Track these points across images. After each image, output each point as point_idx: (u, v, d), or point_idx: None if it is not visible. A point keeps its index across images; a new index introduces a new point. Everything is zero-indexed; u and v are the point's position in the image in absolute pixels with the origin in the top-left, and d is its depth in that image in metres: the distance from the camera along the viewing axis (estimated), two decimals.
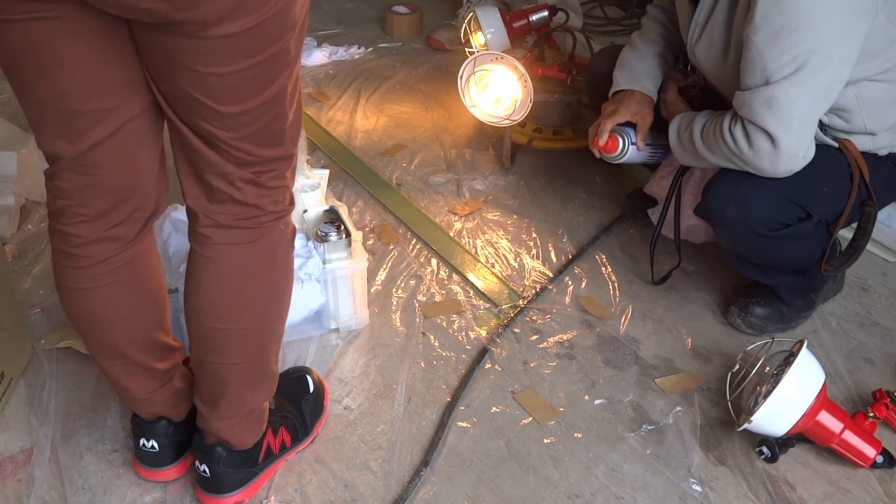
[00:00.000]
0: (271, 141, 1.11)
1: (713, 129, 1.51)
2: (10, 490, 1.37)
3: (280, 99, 1.07)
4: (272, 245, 1.20)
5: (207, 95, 1.01)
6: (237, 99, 1.03)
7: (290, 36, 1.02)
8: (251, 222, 1.16)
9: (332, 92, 2.77)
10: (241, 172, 1.11)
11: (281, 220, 1.20)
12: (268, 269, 1.22)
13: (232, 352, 1.23)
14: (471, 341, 1.74)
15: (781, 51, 1.37)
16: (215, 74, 0.99)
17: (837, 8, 1.36)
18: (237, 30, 0.95)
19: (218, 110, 1.03)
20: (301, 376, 1.51)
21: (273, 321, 1.27)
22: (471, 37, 2.33)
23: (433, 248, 2.01)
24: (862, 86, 1.50)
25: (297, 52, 1.06)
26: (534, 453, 1.49)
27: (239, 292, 1.20)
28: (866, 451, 1.45)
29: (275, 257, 1.22)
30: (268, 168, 1.14)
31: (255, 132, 1.08)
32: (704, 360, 1.72)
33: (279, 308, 1.27)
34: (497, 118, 2.18)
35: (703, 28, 1.58)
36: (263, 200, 1.15)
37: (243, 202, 1.14)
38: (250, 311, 1.22)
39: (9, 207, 1.93)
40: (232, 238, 1.16)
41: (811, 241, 1.58)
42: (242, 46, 0.97)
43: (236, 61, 0.98)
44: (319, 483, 1.41)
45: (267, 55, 1.00)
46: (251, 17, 0.94)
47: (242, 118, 1.05)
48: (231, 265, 1.18)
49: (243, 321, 1.22)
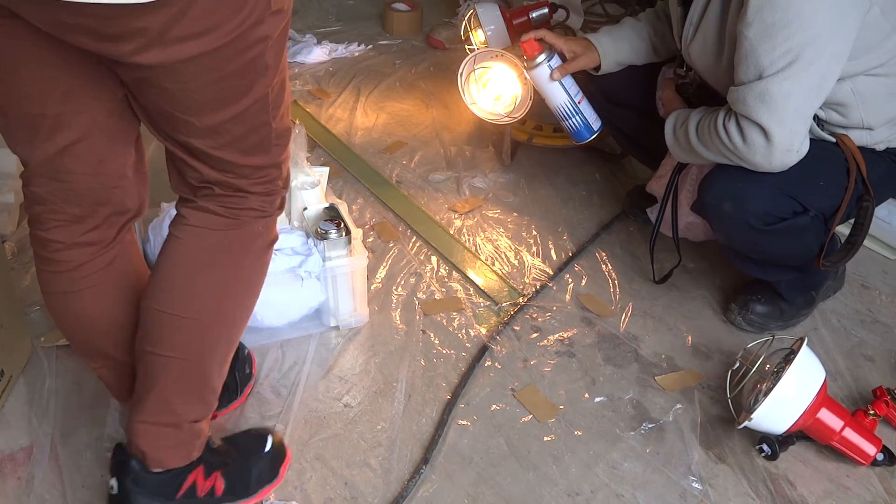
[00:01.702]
0: (255, 150, 1.09)
1: (708, 125, 1.52)
2: (10, 489, 1.37)
3: (259, 109, 1.05)
4: (245, 240, 1.16)
5: (179, 109, 1.00)
6: (209, 111, 1.01)
7: (262, 48, 0.99)
8: (231, 211, 1.13)
9: (332, 89, 2.77)
10: (225, 180, 1.10)
11: (262, 220, 1.16)
12: (231, 263, 1.16)
13: (168, 342, 1.15)
14: (471, 339, 1.74)
15: (774, 45, 1.38)
16: (183, 90, 0.97)
17: (830, 2, 1.36)
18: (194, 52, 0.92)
19: (192, 122, 1.01)
20: (262, 435, 1.38)
21: (223, 322, 1.18)
22: (471, 34, 2.32)
23: (433, 246, 2.01)
24: (858, 80, 1.50)
25: (276, 60, 1.03)
26: (534, 451, 1.49)
27: (192, 276, 1.14)
28: (867, 449, 1.45)
29: (244, 254, 1.17)
30: (254, 177, 1.12)
31: (235, 141, 1.06)
32: (705, 357, 1.72)
33: (234, 310, 1.19)
34: (497, 115, 2.17)
35: (696, 27, 1.58)
36: (248, 197, 1.13)
37: (224, 197, 1.12)
38: (198, 301, 1.15)
39: (8, 205, 1.93)
40: (206, 221, 1.13)
41: (808, 236, 1.58)
42: (202, 63, 0.95)
43: (199, 76, 0.96)
44: (319, 480, 1.41)
45: (235, 67, 0.98)
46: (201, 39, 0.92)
47: (219, 129, 1.03)
48: (194, 247, 1.14)
49: (187, 310, 1.14)
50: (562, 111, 1.91)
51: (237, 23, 0.93)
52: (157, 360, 1.15)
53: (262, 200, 1.15)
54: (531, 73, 1.88)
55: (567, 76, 1.87)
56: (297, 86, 2.77)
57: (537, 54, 1.85)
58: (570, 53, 1.85)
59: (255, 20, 0.95)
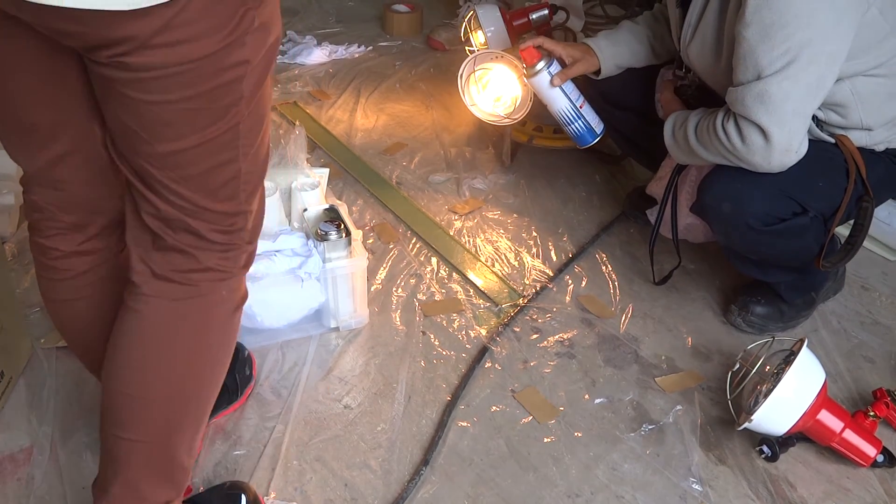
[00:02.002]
0: (218, 192, 0.99)
1: (706, 126, 1.52)
2: (10, 489, 1.37)
3: (225, 143, 0.96)
4: (206, 309, 1.06)
5: (141, 127, 0.92)
6: (172, 135, 0.93)
7: (240, 73, 0.91)
8: (185, 277, 1.03)
9: (332, 90, 2.77)
10: (182, 220, 1.00)
11: (225, 283, 1.06)
12: (193, 337, 1.06)
13: (133, 426, 1.07)
14: (471, 340, 1.74)
15: (772, 45, 1.38)
16: (147, 103, 0.90)
17: (827, 2, 1.37)
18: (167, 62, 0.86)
19: (153, 145, 0.93)
20: (236, 494, 1.31)
21: (190, 400, 1.10)
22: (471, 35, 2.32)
23: (433, 247, 2.01)
24: (857, 81, 1.50)
25: (252, 92, 0.95)
26: (534, 452, 1.49)
27: (152, 355, 1.05)
28: (867, 451, 1.45)
29: (205, 325, 1.07)
30: (216, 223, 1.02)
31: (195, 177, 0.97)
32: (705, 358, 1.72)
33: (201, 386, 1.11)
34: (497, 117, 2.17)
35: (695, 28, 1.58)
36: (206, 254, 1.03)
37: (182, 251, 1.02)
38: (161, 381, 1.06)
39: (8, 206, 1.93)
40: (160, 291, 1.03)
41: (807, 236, 1.58)
42: (176, 77, 0.88)
43: (170, 91, 0.89)
44: (319, 482, 1.41)
45: (207, 88, 0.90)
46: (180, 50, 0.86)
47: (179, 158, 0.95)
48: (151, 321, 1.04)
49: (150, 391, 1.06)
50: (564, 116, 1.91)
51: (220, 37, 0.87)
52: (122, 444, 1.08)
53: (221, 256, 1.04)
54: (531, 81, 1.88)
55: (567, 81, 1.87)
56: (297, 87, 2.77)
57: (536, 61, 1.84)
58: (569, 59, 1.85)
59: (236, 37, 0.88)
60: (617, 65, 1.86)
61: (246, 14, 0.88)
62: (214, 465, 1.44)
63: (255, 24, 0.90)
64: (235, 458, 1.45)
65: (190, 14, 0.84)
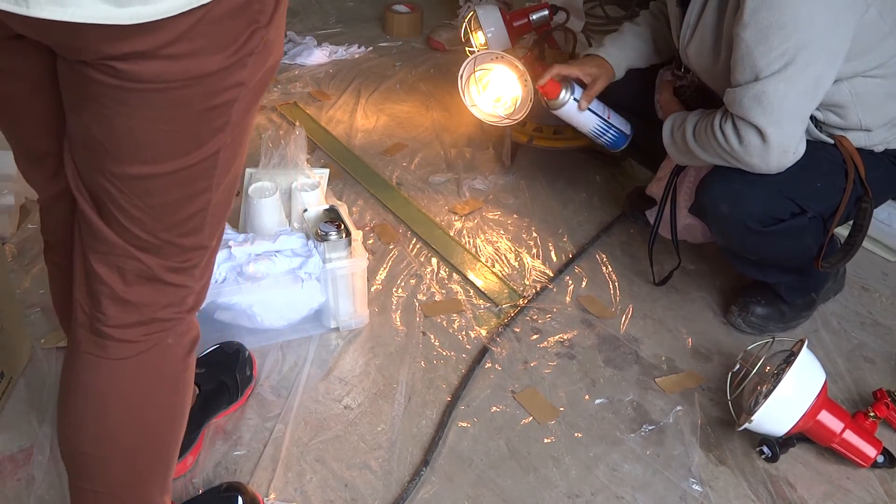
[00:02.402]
0: (184, 224, 0.91)
1: (704, 127, 1.52)
2: (10, 490, 1.37)
3: (204, 171, 0.88)
4: (153, 364, 0.98)
5: (113, 143, 0.83)
6: (148, 157, 0.84)
7: (233, 95, 0.84)
8: (128, 332, 0.94)
9: (332, 91, 2.77)
10: (134, 257, 0.91)
11: (170, 332, 0.97)
12: (144, 394, 1.00)
13: (95, 479, 1.02)
14: (471, 341, 1.74)
15: (770, 47, 1.38)
16: (127, 117, 0.81)
17: (825, 4, 1.37)
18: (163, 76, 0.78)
19: (122, 166, 0.84)
20: (232, 495, 1.30)
21: (150, 452, 1.04)
22: (471, 36, 2.33)
23: (433, 248, 2.01)
24: (856, 81, 1.50)
25: (240, 118, 0.87)
26: (534, 453, 1.49)
27: (100, 415, 0.98)
28: (867, 451, 1.45)
29: (156, 380, 1.00)
30: (171, 260, 0.93)
31: (164, 206, 0.88)
32: (705, 359, 1.72)
33: (160, 438, 1.04)
34: (497, 117, 2.17)
35: (693, 29, 1.59)
36: (155, 302, 0.94)
37: (128, 302, 0.93)
38: (114, 439, 1.00)
39: (8, 207, 1.93)
40: (101, 349, 0.95)
41: (806, 237, 1.58)
42: (168, 93, 0.80)
43: (156, 108, 0.81)
44: (319, 482, 1.41)
45: (198, 110, 0.83)
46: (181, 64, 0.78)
47: (149, 184, 0.86)
48: (95, 383, 0.97)
49: (105, 449, 1.00)
50: (596, 132, 1.90)
51: (225, 55, 0.80)
52: (88, 495, 1.04)
53: (167, 303, 0.95)
54: (559, 112, 1.87)
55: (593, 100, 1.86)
56: (297, 87, 2.77)
57: (559, 93, 1.83)
58: (588, 77, 1.83)
59: (241, 56, 0.82)
60: (627, 69, 1.87)
61: (255, 33, 0.82)
62: (214, 465, 1.44)
63: (261, 45, 0.84)
64: (235, 458, 1.45)
65: (203, 27, 0.77)
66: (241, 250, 1.60)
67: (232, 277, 1.58)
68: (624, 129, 1.92)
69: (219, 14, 0.77)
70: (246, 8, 0.79)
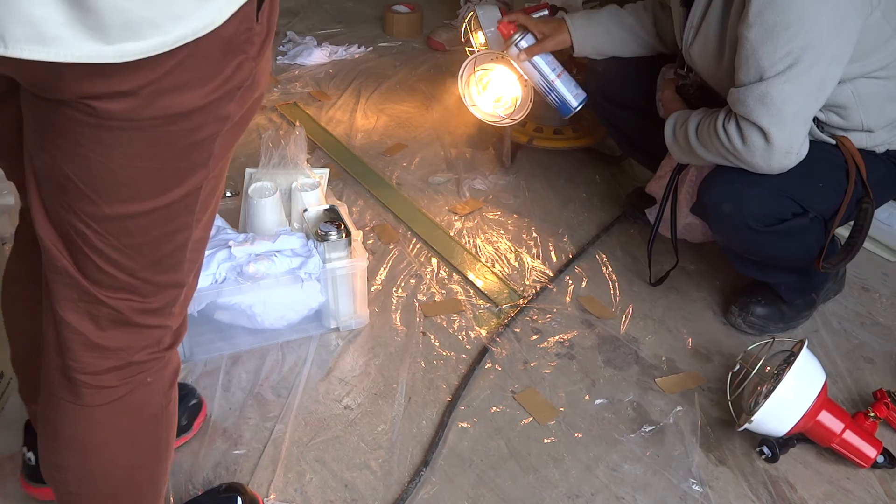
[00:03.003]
0: (163, 262, 0.86)
1: (707, 126, 1.52)
2: (11, 489, 1.37)
3: (185, 208, 0.83)
4: (132, 407, 0.93)
5: (88, 183, 0.77)
6: (126, 195, 0.79)
7: (217, 129, 0.80)
8: (104, 378, 0.90)
9: (332, 91, 2.77)
10: (107, 300, 0.85)
11: (148, 372, 0.93)
12: (125, 437, 0.95)
13: None
14: (471, 341, 1.74)
15: (775, 47, 1.38)
16: (104, 156, 0.76)
17: (831, 5, 1.37)
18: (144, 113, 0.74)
19: (99, 206, 0.79)
20: (231, 496, 1.29)
21: (136, 489, 1.01)
22: (471, 36, 2.33)
23: (433, 248, 2.01)
24: (859, 83, 1.50)
25: (223, 151, 0.83)
26: (534, 453, 1.49)
27: (83, 461, 0.95)
28: (867, 451, 1.45)
29: (136, 422, 0.95)
30: (148, 299, 0.88)
31: (143, 245, 0.83)
32: (705, 359, 1.72)
33: (146, 473, 1.01)
34: (497, 117, 2.17)
35: (697, 29, 1.59)
36: (131, 346, 0.90)
37: (101, 347, 0.88)
38: (98, 481, 0.97)
39: (8, 207, 1.93)
40: (77, 396, 0.90)
41: (807, 237, 1.58)
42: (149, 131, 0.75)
43: (136, 145, 0.76)
44: (319, 483, 1.41)
45: (180, 147, 0.78)
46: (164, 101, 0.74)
47: (128, 224, 0.81)
48: (74, 430, 0.93)
49: (90, 488, 0.98)
50: (540, 88, 1.98)
51: (209, 89, 0.76)
52: None
53: (143, 346, 0.91)
54: (507, 53, 1.96)
55: (544, 55, 1.93)
56: (297, 88, 2.77)
57: (511, 35, 1.93)
58: (540, 34, 1.91)
59: (229, 90, 0.78)
60: (594, 47, 1.90)
61: (243, 65, 0.77)
62: (214, 465, 1.44)
63: (250, 77, 0.79)
64: (235, 459, 1.45)
65: (190, 61, 0.73)
66: (241, 250, 1.60)
67: (232, 277, 1.58)
68: (569, 98, 1.98)
69: (207, 47, 0.73)
70: (234, 39, 0.75)
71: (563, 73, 1.96)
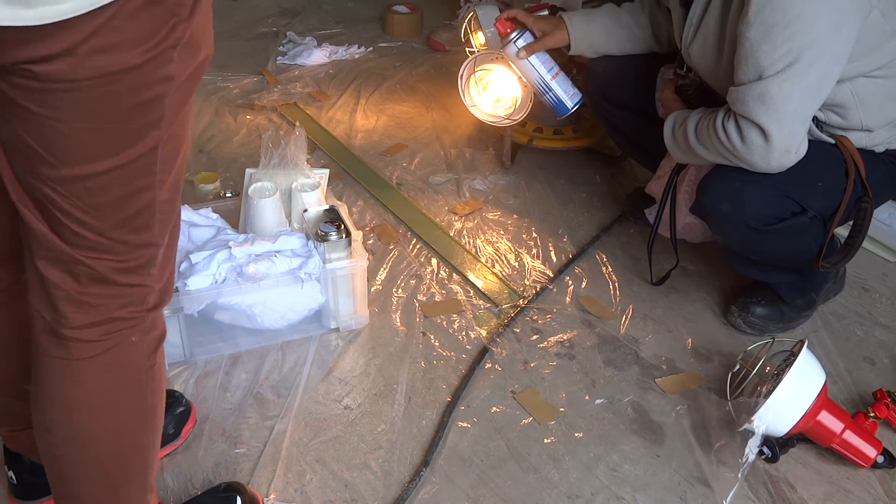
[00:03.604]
0: (131, 222, 0.90)
1: (707, 125, 1.52)
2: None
3: (143, 168, 0.87)
4: (117, 363, 0.97)
5: (45, 147, 0.82)
6: (81, 157, 0.83)
7: (162, 90, 0.84)
8: (87, 332, 0.94)
9: (332, 91, 2.77)
10: (84, 260, 0.90)
11: (134, 329, 0.96)
12: (106, 394, 0.98)
13: (71, 483, 1.03)
14: (471, 341, 1.74)
15: (774, 46, 1.38)
16: (54, 120, 0.80)
17: (830, 4, 1.37)
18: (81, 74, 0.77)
19: (58, 168, 0.83)
20: (231, 496, 1.30)
21: (122, 454, 1.03)
22: (471, 36, 2.33)
23: (433, 248, 2.01)
24: (858, 82, 1.50)
25: (174, 112, 0.87)
26: (534, 453, 1.49)
27: (67, 416, 0.98)
28: (867, 452, 1.45)
29: (121, 378, 0.99)
30: (122, 258, 0.92)
31: (106, 205, 0.87)
32: (705, 359, 1.72)
33: (131, 438, 1.03)
34: (497, 118, 2.17)
35: (696, 28, 1.59)
36: (111, 302, 0.93)
37: (84, 303, 0.92)
38: (84, 441, 0.99)
39: None
40: (64, 350, 0.94)
41: (807, 236, 1.58)
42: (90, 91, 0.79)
43: (82, 107, 0.80)
44: (319, 483, 1.41)
45: (125, 106, 0.82)
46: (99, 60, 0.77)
47: (88, 183, 0.85)
48: (58, 383, 0.96)
49: (76, 451, 1.00)
50: (536, 87, 1.97)
51: (145, 49, 0.79)
52: (67, 499, 1.05)
53: (125, 302, 0.94)
54: (504, 51, 1.94)
55: (540, 53, 1.91)
56: (297, 88, 2.77)
57: (508, 32, 1.90)
58: (539, 32, 1.89)
59: (163, 49, 0.81)
60: (590, 45, 1.90)
61: (176, 26, 0.81)
62: (214, 465, 1.44)
63: (185, 37, 0.83)
64: (235, 459, 1.45)
65: (118, 22, 0.76)
66: (241, 251, 1.60)
67: (232, 278, 1.58)
68: (566, 98, 1.96)
69: (132, 8, 0.77)
70: (162, 1, 0.79)
71: (559, 73, 1.95)
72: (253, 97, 2.70)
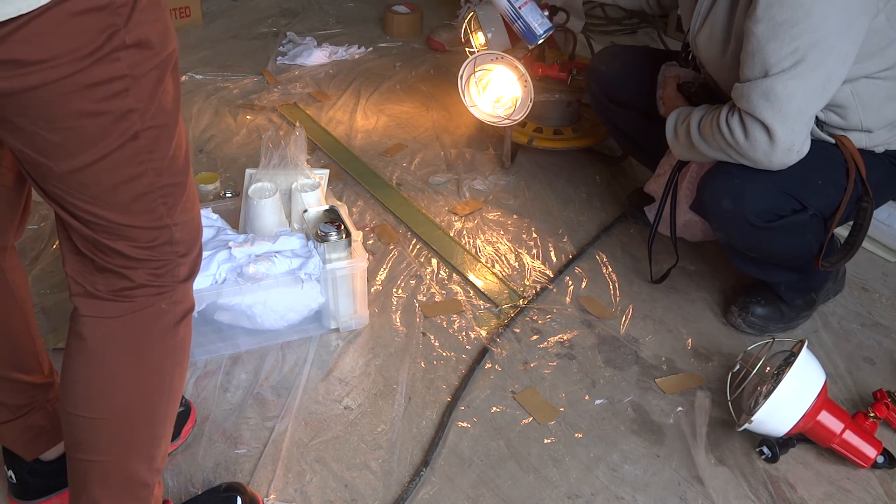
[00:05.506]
0: (131, 207, 0.95)
1: (710, 121, 1.52)
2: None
3: (129, 158, 0.91)
4: (142, 324, 1.03)
5: (35, 149, 0.89)
6: (65, 153, 0.89)
7: (117, 87, 0.87)
8: (120, 294, 1.00)
9: (333, 92, 2.77)
10: (105, 242, 0.96)
11: (164, 297, 1.02)
12: (131, 353, 1.04)
13: (87, 445, 1.07)
14: (471, 341, 1.74)
15: (782, 44, 1.38)
16: (31, 128, 0.86)
17: (839, 5, 1.37)
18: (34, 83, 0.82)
19: (51, 167, 0.90)
20: (231, 496, 1.32)
21: (139, 417, 1.07)
22: (471, 36, 2.33)
23: (433, 248, 2.01)
24: (859, 83, 1.50)
25: (145, 103, 0.90)
26: (534, 453, 1.49)
27: (91, 373, 1.03)
28: (867, 452, 1.45)
29: (144, 340, 1.04)
30: (138, 240, 0.97)
31: (103, 194, 0.92)
32: (705, 360, 1.72)
33: (148, 402, 1.07)
34: (497, 118, 2.17)
35: (704, 18, 1.59)
36: (136, 272, 0.99)
37: (113, 271, 0.99)
38: (103, 399, 1.05)
39: None
40: (97, 310, 1.01)
41: (807, 234, 1.58)
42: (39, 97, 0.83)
43: (45, 112, 0.85)
44: (319, 483, 1.41)
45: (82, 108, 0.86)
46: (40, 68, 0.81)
47: (80, 177, 0.91)
48: (89, 341, 1.02)
49: (94, 410, 1.04)
50: (507, 15, 2.02)
51: (78, 58, 0.82)
52: (80, 465, 1.08)
53: (153, 273, 1.00)
54: None
55: None
56: (297, 88, 2.77)
57: None
58: None
59: (103, 55, 0.84)
60: None
61: (114, 34, 0.84)
62: (214, 465, 1.44)
63: (127, 41, 0.85)
64: (235, 459, 1.45)
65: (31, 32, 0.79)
66: (241, 251, 1.60)
67: (232, 278, 1.58)
68: (535, 27, 2.02)
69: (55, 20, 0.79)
70: (88, 13, 0.81)
71: (529, 1, 2.01)
72: (253, 97, 2.70)
